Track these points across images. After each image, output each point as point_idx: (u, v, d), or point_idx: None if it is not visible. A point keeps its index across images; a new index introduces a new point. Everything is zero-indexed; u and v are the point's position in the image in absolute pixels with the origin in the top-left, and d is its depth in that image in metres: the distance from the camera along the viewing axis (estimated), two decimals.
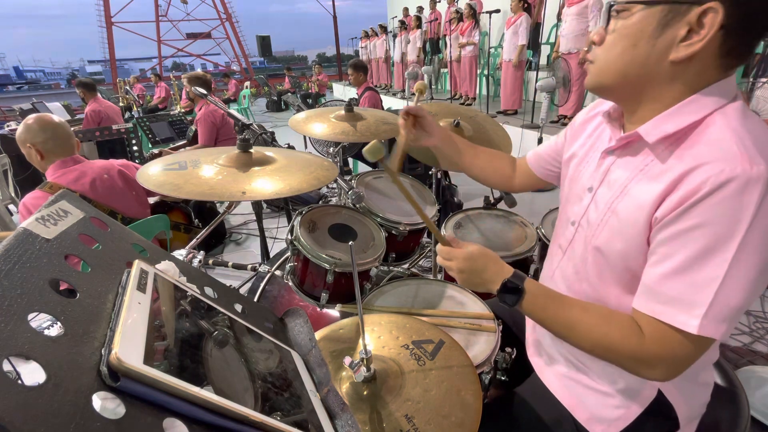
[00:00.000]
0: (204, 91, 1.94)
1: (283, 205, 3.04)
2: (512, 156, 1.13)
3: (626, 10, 0.63)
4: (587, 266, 0.77)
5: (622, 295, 0.73)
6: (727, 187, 0.55)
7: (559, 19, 5.30)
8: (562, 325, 0.72)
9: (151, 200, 2.03)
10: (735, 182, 0.55)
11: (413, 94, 1.31)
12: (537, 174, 1.03)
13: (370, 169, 3.99)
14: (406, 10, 9.98)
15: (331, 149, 2.12)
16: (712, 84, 0.62)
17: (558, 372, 0.88)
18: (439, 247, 0.83)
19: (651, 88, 0.65)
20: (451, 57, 6.88)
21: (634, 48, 0.63)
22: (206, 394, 0.42)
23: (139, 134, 3.82)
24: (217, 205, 3.14)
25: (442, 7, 8.57)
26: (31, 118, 1.65)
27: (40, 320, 0.44)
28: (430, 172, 2.05)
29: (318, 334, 0.90)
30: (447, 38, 7.02)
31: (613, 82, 0.68)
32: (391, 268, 1.58)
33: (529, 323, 1.03)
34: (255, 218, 2.75)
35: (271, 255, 2.40)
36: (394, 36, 9.47)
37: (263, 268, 2.01)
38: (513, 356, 1.02)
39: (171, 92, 8.63)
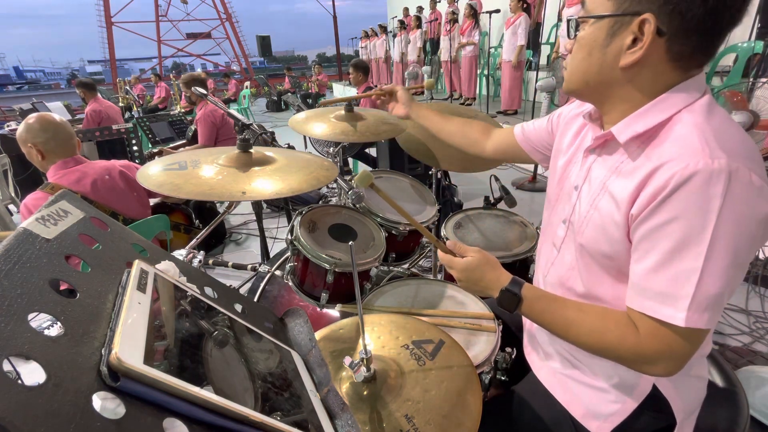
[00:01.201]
0: (204, 91, 1.94)
1: (283, 205, 3.04)
2: (488, 125, 1.21)
3: (584, 23, 0.69)
4: (579, 263, 0.79)
5: (613, 290, 0.75)
6: (693, 181, 0.58)
7: (559, 19, 5.30)
8: (561, 327, 0.74)
9: (152, 201, 2.03)
10: (699, 176, 0.58)
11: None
12: (524, 149, 1.08)
13: (370, 169, 3.98)
14: (406, 10, 9.98)
15: (331, 149, 2.12)
16: (677, 84, 0.66)
17: (553, 369, 0.89)
18: (441, 255, 0.87)
19: (613, 92, 0.70)
20: (451, 57, 6.87)
21: (589, 56, 0.69)
22: (206, 394, 0.42)
23: (139, 134, 3.82)
24: (217, 205, 3.14)
25: (442, 7, 8.57)
26: (32, 118, 1.65)
27: (40, 320, 0.44)
28: (430, 172, 2.05)
29: (318, 334, 0.90)
30: (444, 38, 7.00)
31: (578, 87, 0.74)
32: (391, 268, 1.57)
33: (526, 321, 1.03)
34: (255, 218, 2.75)
35: (271, 255, 2.40)
36: (394, 36, 9.47)
37: (263, 268, 2.01)
38: (513, 356, 1.02)
39: (171, 92, 8.64)
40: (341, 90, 13.07)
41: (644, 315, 0.65)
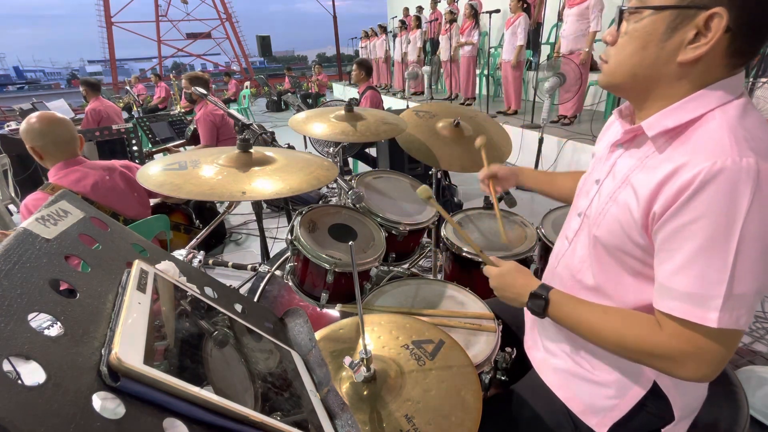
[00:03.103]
0: (204, 91, 1.94)
1: (283, 205, 3.04)
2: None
3: (637, 13, 0.65)
4: (591, 256, 0.79)
5: (626, 285, 0.74)
6: (720, 179, 0.57)
7: (559, 18, 5.30)
8: (585, 328, 0.74)
9: (152, 202, 2.02)
10: (727, 173, 0.57)
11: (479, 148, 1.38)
12: None
13: (370, 169, 3.99)
14: (406, 10, 9.97)
15: (331, 149, 2.12)
16: (718, 81, 0.64)
17: (555, 365, 0.89)
18: (486, 267, 0.92)
19: (658, 87, 0.68)
20: (450, 56, 6.87)
21: (643, 50, 0.66)
22: (206, 394, 0.42)
23: (139, 134, 3.82)
24: (217, 205, 3.14)
25: (442, 7, 8.57)
26: (33, 117, 1.62)
27: (40, 320, 0.44)
28: (430, 172, 2.05)
29: (318, 334, 0.90)
30: (443, 38, 7.00)
31: (623, 81, 0.71)
32: (391, 268, 1.57)
33: (528, 319, 1.03)
34: (255, 218, 2.75)
35: (271, 255, 2.40)
36: (394, 36, 9.47)
37: (263, 268, 2.01)
38: (513, 356, 1.02)
39: (171, 92, 8.64)
40: (341, 90, 13.06)
41: (670, 316, 0.64)
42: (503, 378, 1.02)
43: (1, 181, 3.33)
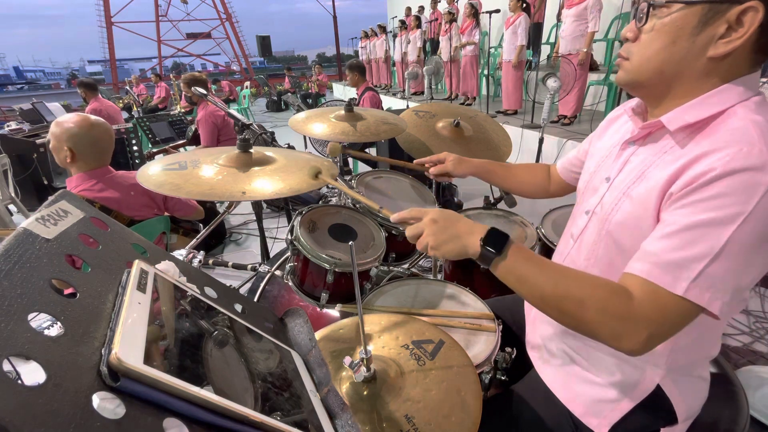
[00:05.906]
0: (204, 91, 1.94)
1: (283, 205, 3.03)
2: (547, 165, 1.18)
3: (665, 7, 0.64)
4: (598, 253, 0.78)
5: None
6: (743, 171, 0.56)
7: (559, 19, 5.30)
8: (546, 280, 0.66)
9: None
10: (751, 164, 0.55)
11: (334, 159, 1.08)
12: (565, 179, 1.08)
13: (370, 169, 3.99)
14: (408, 9, 9.98)
15: None
16: (739, 78, 0.64)
17: (555, 366, 0.89)
18: (407, 229, 0.77)
19: (683, 84, 0.67)
20: (450, 56, 6.87)
21: (673, 45, 0.64)
22: (206, 394, 0.42)
23: (139, 134, 3.82)
24: (217, 205, 3.14)
25: (443, 6, 8.58)
26: (72, 121, 1.53)
27: (40, 320, 0.43)
28: None
29: (318, 334, 0.90)
30: (443, 38, 7.00)
31: (648, 78, 0.69)
32: (391, 268, 1.57)
33: (529, 318, 1.03)
34: (255, 218, 2.75)
35: (271, 255, 2.40)
36: (394, 36, 9.47)
37: (263, 268, 2.00)
38: (513, 356, 1.02)
39: (171, 92, 8.65)
40: (341, 90, 13.06)
41: (643, 279, 0.61)
42: (503, 378, 1.02)
43: (1, 181, 3.33)
